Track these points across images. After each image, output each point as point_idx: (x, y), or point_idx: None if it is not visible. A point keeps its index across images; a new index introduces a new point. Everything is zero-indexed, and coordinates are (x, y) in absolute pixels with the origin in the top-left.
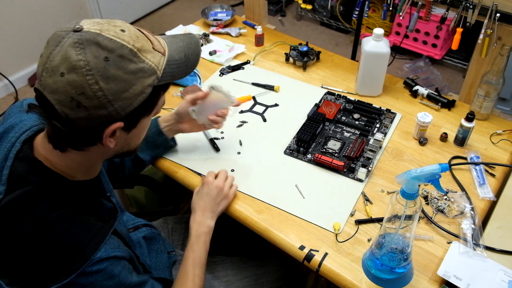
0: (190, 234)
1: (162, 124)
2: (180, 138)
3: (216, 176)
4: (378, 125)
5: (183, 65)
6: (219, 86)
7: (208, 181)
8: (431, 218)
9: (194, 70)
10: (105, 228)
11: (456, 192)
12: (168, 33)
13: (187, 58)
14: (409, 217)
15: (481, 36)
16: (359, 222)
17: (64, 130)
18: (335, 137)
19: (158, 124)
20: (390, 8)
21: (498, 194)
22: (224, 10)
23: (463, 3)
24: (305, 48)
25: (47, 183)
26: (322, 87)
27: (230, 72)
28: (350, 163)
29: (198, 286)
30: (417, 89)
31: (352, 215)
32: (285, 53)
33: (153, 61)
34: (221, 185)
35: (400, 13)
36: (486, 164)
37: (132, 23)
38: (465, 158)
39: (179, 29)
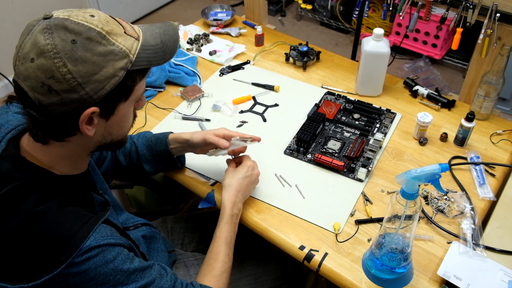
0: (223, 212)
1: (173, 145)
2: None
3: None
4: (378, 125)
5: (160, 51)
6: (240, 139)
7: (251, 165)
8: (431, 218)
9: (194, 70)
10: (94, 218)
11: (456, 192)
12: None
13: (164, 44)
14: (409, 217)
15: (481, 36)
16: (359, 222)
17: (40, 119)
18: (335, 137)
19: (168, 144)
20: (390, 8)
21: (498, 194)
22: (224, 10)
23: (463, 3)
24: (305, 48)
25: (32, 178)
26: (322, 87)
27: (230, 72)
28: (350, 163)
29: (228, 265)
30: (417, 89)
31: (352, 215)
32: (285, 53)
33: (124, 44)
34: (259, 172)
35: (400, 13)
36: (486, 164)
37: (132, 23)
38: (465, 158)
39: (179, 29)
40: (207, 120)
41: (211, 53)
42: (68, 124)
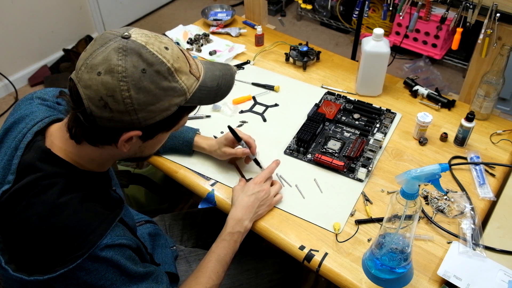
0: (224, 228)
1: (195, 148)
2: None
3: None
4: (378, 125)
5: (213, 93)
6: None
7: (258, 181)
8: (431, 218)
9: None
10: (111, 216)
11: (456, 192)
12: (168, 33)
13: (219, 88)
14: (409, 217)
15: (481, 36)
16: (359, 222)
17: (84, 124)
18: (335, 137)
19: (192, 144)
20: (390, 8)
21: (498, 194)
22: (224, 10)
23: (463, 3)
24: (305, 48)
25: (56, 170)
26: (322, 87)
27: None
28: (350, 163)
29: (214, 282)
30: (417, 89)
31: (352, 215)
32: (285, 53)
33: (186, 83)
34: (269, 190)
35: (400, 13)
36: (486, 164)
37: (132, 23)
38: (465, 158)
39: (179, 29)
40: (208, 116)
41: (211, 53)
42: (108, 136)
